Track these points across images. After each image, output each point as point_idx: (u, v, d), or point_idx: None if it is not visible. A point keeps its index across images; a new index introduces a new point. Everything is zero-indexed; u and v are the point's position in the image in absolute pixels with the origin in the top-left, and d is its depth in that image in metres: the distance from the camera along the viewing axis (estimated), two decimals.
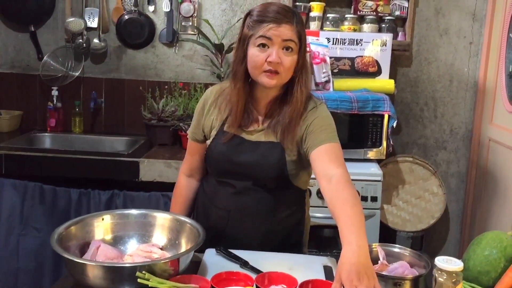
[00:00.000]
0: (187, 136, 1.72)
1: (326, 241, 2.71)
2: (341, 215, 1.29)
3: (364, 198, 2.52)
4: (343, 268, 1.15)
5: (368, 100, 2.58)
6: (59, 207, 2.48)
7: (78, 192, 2.48)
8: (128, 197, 2.47)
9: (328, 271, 1.45)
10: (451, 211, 3.14)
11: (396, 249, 1.40)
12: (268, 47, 1.46)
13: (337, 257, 1.50)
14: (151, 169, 2.46)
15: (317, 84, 2.71)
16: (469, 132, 3.05)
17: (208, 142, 1.63)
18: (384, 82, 2.75)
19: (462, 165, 3.09)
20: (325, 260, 1.52)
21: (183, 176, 1.77)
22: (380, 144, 2.64)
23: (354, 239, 1.21)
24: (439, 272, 1.21)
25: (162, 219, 1.49)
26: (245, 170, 1.56)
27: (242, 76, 1.52)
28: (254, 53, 1.47)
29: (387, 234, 2.81)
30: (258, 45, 1.46)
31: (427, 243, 3.08)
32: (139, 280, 1.17)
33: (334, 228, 2.60)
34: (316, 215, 2.51)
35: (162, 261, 1.23)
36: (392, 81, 2.75)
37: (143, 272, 1.17)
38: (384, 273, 1.29)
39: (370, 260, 1.18)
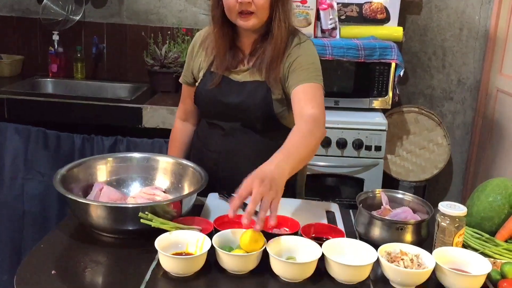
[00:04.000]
0: (179, 80, 1.71)
1: (328, 189, 2.72)
2: (286, 141, 1.30)
3: (368, 148, 2.51)
4: (254, 172, 1.17)
5: (375, 48, 2.52)
6: (63, 152, 2.48)
7: (82, 137, 2.47)
8: (132, 143, 2.46)
9: (331, 216, 1.45)
10: (454, 162, 3.13)
11: (399, 195, 1.40)
12: None
13: (339, 205, 1.50)
14: (154, 115, 2.44)
15: (323, 31, 2.65)
16: (477, 82, 2.99)
17: (197, 83, 1.62)
18: (392, 30, 2.67)
19: (468, 116, 3.06)
20: (328, 205, 1.52)
21: (179, 121, 1.79)
22: (386, 94, 2.60)
23: (277, 159, 1.22)
24: (442, 216, 1.21)
25: (164, 163, 1.49)
26: (232, 111, 1.56)
27: (220, 20, 1.51)
28: None
29: (389, 184, 2.82)
30: None
31: (429, 193, 3.09)
32: (142, 220, 1.17)
33: (337, 177, 2.64)
34: (317, 163, 2.51)
35: (165, 203, 1.23)
36: (401, 28, 2.67)
37: (146, 212, 1.17)
38: (387, 217, 1.29)
39: (283, 179, 1.18)
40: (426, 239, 1.28)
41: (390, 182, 2.84)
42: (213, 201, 1.50)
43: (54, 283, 1.09)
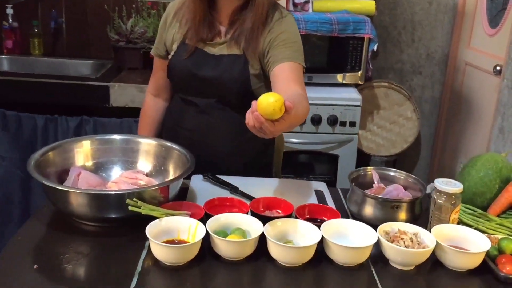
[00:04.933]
0: (151, 52, 1.62)
1: (301, 166, 2.70)
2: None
3: (342, 123, 2.49)
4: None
5: (349, 22, 2.48)
6: (24, 134, 2.34)
7: (44, 118, 2.33)
8: (99, 123, 2.35)
9: (320, 195, 1.42)
10: (422, 135, 3.17)
11: (391, 172, 1.37)
12: None
13: (313, 181, 1.47)
14: (122, 94, 2.32)
15: (295, 5, 2.58)
16: (445, 56, 3.02)
17: (170, 56, 1.54)
18: (365, 3, 2.63)
19: (436, 90, 3.09)
20: (315, 185, 1.48)
21: (150, 96, 1.70)
22: (360, 69, 2.58)
23: None
24: (438, 193, 1.19)
25: (146, 145, 1.40)
26: (207, 86, 1.49)
27: None
28: None
29: (361, 159, 2.82)
30: None
31: (398, 167, 3.13)
32: (130, 207, 1.09)
33: (310, 153, 2.61)
34: (292, 140, 2.47)
35: (152, 188, 1.16)
36: (373, 2, 2.63)
37: (134, 199, 1.10)
38: (380, 195, 1.26)
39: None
40: (419, 216, 1.27)
41: (362, 157, 2.84)
42: (198, 183, 1.43)
43: (38, 279, 1.00)
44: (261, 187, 1.41)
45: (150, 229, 1.07)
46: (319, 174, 2.68)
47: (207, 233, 1.08)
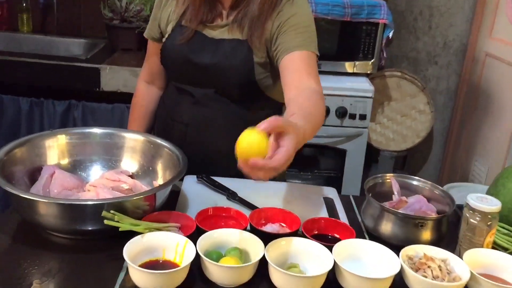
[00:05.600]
0: (144, 34, 1.43)
1: (307, 160, 2.52)
2: (295, 107, 1.05)
3: (352, 116, 2.30)
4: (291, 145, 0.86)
5: (364, 5, 2.28)
6: (7, 118, 2.16)
7: (29, 101, 2.15)
8: (88, 108, 2.16)
9: (329, 204, 1.24)
10: (435, 130, 2.98)
11: (414, 181, 1.19)
12: None
13: (318, 177, 1.29)
14: (114, 77, 2.13)
15: None
16: (464, 45, 2.81)
17: (164, 39, 1.35)
18: None
19: (452, 82, 2.89)
20: (324, 191, 1.30)
21: (143, 83, 1.51)
22: (373, 57, 2.38)
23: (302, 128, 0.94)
24: (471, 212, 1.01)
25: (132, 141, 1.22)
26: (205, 74, 1.29)
27: None
28: None
29: (370, 154, 2.64)
30: None
31: (408, 163, 2.95)
32: (106, 221, 0.91)
33: (316, 147, 2.43)
34: None
35: (136, 197, 0.98)
36: None
37: (112, 211, 0.92)
38: (401, 211, 1.08)
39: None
40: (445, 236, 1.09)
41: (370, 152, 2.66)
42: (191, 186, 1.25)
43: None
44: (263, 192, 1.23)
45: (129, 249, 0.89)
46: (325, 169, 2.50)
47: (198, 253, 0.90)
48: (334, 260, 0.91)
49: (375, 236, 1.10)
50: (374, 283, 0.89)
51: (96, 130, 1.20)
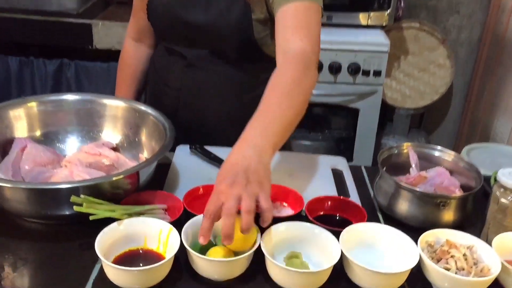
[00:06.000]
0: None
1: (315, 119, 2.38)
2: (261, 101, 0.90)
3: (365, 73, 2.13)
4: (222, 167, 0.81)
5: None
6: None
7: (18, 60, 2.02)
8: (81, 68, 2.02)
9: (338, 176, 1.10)
10: (455, 85, 2.79)
11: (436, 152, 1.04)
12: None
13: (329, 138, 1.14)
14: (107, 34, 1.97)
15: None
16: None
17: None
18: None
19: (475, 32, 2.67)
20: (333, 161, 1.16)
21: (130, 41, 1.36)
22: (389, 6, 2.18)
23: (254, 135, 0.84)
24: (502, 190, 0.87)
25: (114, 108, 1.08)
26: (197, 34, 1.13)
27: None
28: None
29: (384, 112, 2.48)
30: None
31: (426, 121, 2.79)
32: (75, 208, 0.79)
33: (328, 107, 2.27)
34: None
35: (115, 178, 0.84)
36: None
37: (82, 196, 0.79)
38: (418, 189, 0.94)
39: (265, 165, 0.80)
40: (470, 217, 0.95)
41: (384, 110, 2.49)
42: (183, 157, 1.12)
43: None
44: None
45: (103, 239, 0.77)
46: (336, 129, 2.35)
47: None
48: (342, 251, 0.78)
49: (389, 216, 0.97)
50: (387, 278, 0.77)
51: (72, 97, 1.06)
